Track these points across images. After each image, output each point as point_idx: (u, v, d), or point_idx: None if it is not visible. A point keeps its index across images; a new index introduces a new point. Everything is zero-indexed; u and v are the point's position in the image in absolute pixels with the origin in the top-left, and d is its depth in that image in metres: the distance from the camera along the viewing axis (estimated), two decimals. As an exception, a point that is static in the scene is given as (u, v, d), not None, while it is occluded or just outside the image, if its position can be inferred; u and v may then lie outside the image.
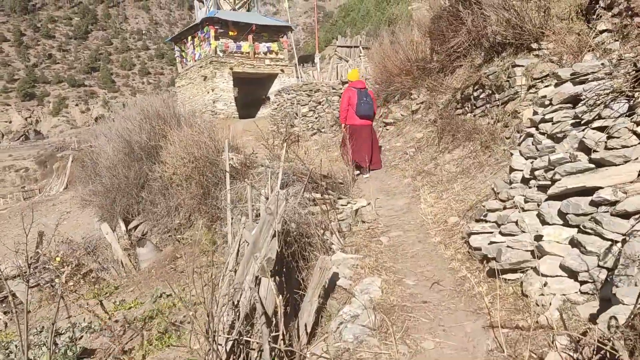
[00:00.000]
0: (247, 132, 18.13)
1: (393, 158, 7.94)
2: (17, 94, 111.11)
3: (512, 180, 3.38)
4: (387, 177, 7.24)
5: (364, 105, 8.36)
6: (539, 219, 2.96)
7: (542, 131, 3.22)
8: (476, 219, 3.87)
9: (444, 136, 7.22)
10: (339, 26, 52.55)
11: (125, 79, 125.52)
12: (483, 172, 5.40)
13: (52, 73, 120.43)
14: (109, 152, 13.03)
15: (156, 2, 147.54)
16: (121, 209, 12.68)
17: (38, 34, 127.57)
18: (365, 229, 4.95)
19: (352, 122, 7.92)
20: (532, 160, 3.24)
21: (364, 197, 6.62)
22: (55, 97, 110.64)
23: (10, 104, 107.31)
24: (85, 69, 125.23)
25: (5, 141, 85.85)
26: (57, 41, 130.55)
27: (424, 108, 9.21)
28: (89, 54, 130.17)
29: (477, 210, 3.90)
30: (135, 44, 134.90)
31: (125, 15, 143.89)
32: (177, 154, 9.87)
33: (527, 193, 3.15)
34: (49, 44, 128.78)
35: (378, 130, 10.19)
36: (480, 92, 6.68)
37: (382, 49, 10.77)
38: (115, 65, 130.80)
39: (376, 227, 4.96)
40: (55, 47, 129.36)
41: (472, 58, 8.45)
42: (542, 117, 3.26)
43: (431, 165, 6.59)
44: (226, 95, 21.01)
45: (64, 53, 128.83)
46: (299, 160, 8.33)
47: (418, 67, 9.71)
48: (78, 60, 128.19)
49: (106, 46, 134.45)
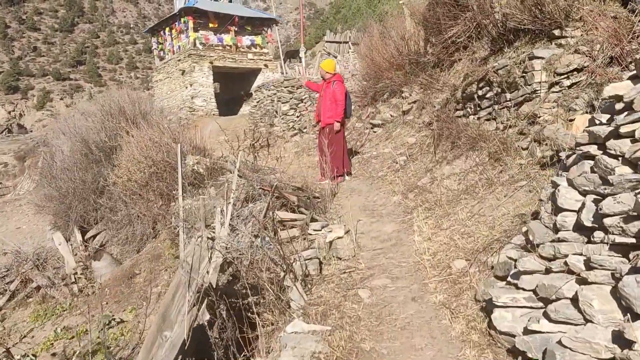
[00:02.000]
0: (225, 130, 16.82)
1: (380, 167, 6.71)
2: (0, 87, 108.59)
3: (559, 225, 2.17)
4: (373, 191, 6.00)
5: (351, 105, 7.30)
6: (621, 303, 1.76)
7: (613, 152, 2.01)
8: (498, 275, 2.65)
9: (442, 143, 5.99)
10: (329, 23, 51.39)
11: (112, 73, 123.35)
12: (494, 192, 4.18)
13: (37, 66, 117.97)
14: (65, 152, 11.67)
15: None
16: (77, 216, 11.33)
17: (23, 26, 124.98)
18: (341, 271, 3.70)
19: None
20: (594, 198, 2.03)
21: (344, 216, 5.38)
22: (40, 90, 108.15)
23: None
24: (70, 63, 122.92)
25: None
26: (42, 34, 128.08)
27: (416, 108, 7.99)
28: (75, 47, 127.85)
29: (500, 263, 2.68)
30: (122, 38, 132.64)
31: (112, 8, 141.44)
32: (133, 157, 8.55)
33: (591, 253, 1.94)
34: (34, 37, 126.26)
35: (364, 132, 8.96)
36: (486, 90, 5.47)
37: (369, 41, 9.52)
38: (102, 59, 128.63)
39: (355, 269, 3.72)
40: (41, 39, 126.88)
41: (473, 50, 7.24)
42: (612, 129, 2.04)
43: (426, 180, 5.35)
44: (205, 91, 19.63)
45: (49, 46, 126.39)
46: (270, 169, 7.07)
47: (410, 61, 8.49)
48: (64, 53, 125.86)
49: (93, 39, 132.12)
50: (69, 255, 10.84)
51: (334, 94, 7.05)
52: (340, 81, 7.09)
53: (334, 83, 7.09)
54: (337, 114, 7.01)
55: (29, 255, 10.68)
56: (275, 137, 12.55)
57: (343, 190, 6.44)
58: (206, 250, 3.04)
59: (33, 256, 10.72)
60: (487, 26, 5.83)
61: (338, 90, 7.00)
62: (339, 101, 6.97)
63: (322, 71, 7.32)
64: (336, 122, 6.98)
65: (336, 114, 7.00)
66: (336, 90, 7.03)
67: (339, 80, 7.07)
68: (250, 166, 6.81)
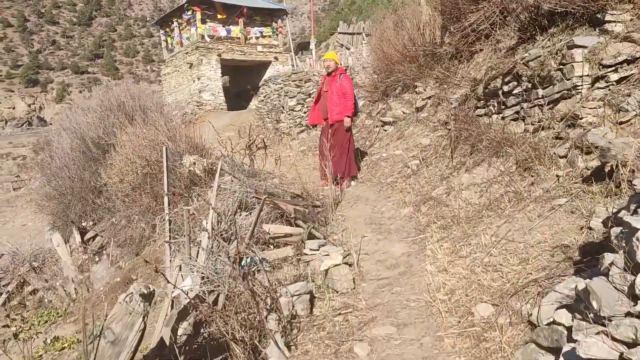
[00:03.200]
0: (231, 126, 16.18)
1: (390, 171, 5.98)
2: (20, 80, 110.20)
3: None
4: (381, 200, 5.29)
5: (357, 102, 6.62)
6: None
7: None
8: (541, 343, 1.93)
9: (460, 145, 5.24)
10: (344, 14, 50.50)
11: (129, 66, 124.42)
12: (524, 210, 3.44)
13: (56, 59, 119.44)
14: (65, 148, 11.16)
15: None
16: (76, 216, 10.84)
17: (42, 20, 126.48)
18: (335, 312, 3.02)
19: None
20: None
21: (347, 230, 4.69)
22: (59, 83, 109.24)
23: (13, 90, 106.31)
24: (88, 56, 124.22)
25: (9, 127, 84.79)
26: (61, 27, 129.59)
27: (431, 105, 7.23)
28: (93, 41, 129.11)
29: (545, 328, 1.95)
30: (139, 31, 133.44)
31: (129, 1, 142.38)
32: (126, 157, 7.96)
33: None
34: (52, 30, 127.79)
35: (374, 130, 8.23)
36: (513, 85, 4.69)
37: (380, 31, 8.75)
38: (119, 52, 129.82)
39: (353, 308, 3.03)
40: (59, 33, 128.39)
41: (497, 39, 6.44)
42: None
43: (442, 190, 4.62)
44: (213, 85, 18.99)
45: (67, 39, 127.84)
46: (268, 173, 6.40)
47: (425, 53, 7.70)
48: (82, 46, 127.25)
49: (110, 33, 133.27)
50: (67, 257, 10.36)
51: (342, 87, 6.41)
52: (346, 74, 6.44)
53: (341, 76, 6.43)
54: (347, 108, 6.37)
55: (26, 256, 10.22)
56: (282, 134, 11.87)
57: (348, 197, 5.73)
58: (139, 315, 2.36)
59: (30, 258, 10.26)
60: (516, 10, 5.04)
61: (346, 83, 6.39)
62: (348, 94, 6.35)
63: (328, 62, 6.61)
64: (346, 118, 6.34)
65: (346, 108, 6.33)
66: (344, 83, 6.39)
67: (345, 73, 6.41)
68: (245, 170, 6.14)
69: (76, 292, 9.59)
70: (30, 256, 9.97)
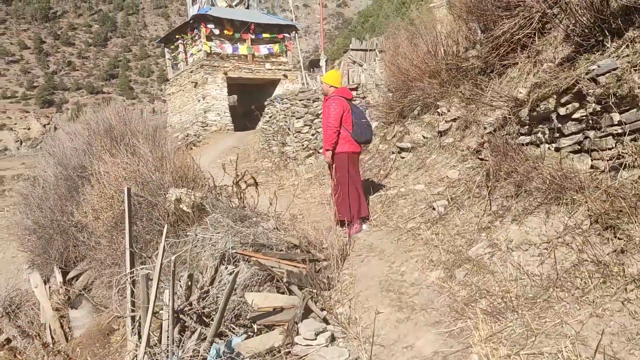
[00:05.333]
0: (235, 149, 15.20)
1: (411, 213, 4.84)
2: (36, 101, 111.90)
3: None
4: (400, 253, 4.15)
5: (367, 125, 5.37)
6: None
7: None
8: None
9: (500, 183, 4.09)
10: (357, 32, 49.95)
11: (144, 85, 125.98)
12: (620, 297, 2.27)
13: (71, 80, 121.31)
14: (48, 177, 10.25)
15: (175, 10, 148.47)
16: (58, 252, 9.83)
17: (58, 41, 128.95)
18: None
19: (349, 149, 5.17)
20: None
21: (356, 300, 3.56)
22: (74, 104, 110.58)
23: (29, 111, 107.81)
24: (104, 76, 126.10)
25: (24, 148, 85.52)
26: (76, 48, 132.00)
27: (457, 128, 6.11)
28: (108, 61, 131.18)
29: None
30: (154, 51, 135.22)
31: (144, 22, 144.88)
32: (101, 191, 6.95)
33: None
34: (68, 51, 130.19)
35: (389, 157, 7.11)
36: (573, 107, 3.55)
37: (394, 44, 7.69)
38: (134, 72, 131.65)
39: None
40: (75, 54, 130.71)
41: (536, 50, 5.34)
42: None
43: (482, 247, 3.46)
44: (219, 105, 18.08)
45: (83, 60, 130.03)
46: (259, 215, 5.30)
47: (448, 67, 6.60)
48: (97, 67, 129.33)
49: (125, 53, 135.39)
50: (45, 300, 9.31)
51: (324, 115, 5.35)
52: (339, 97, 5.23)
53: (330, 100, 5.25)
54: (325, 140, 5.24)
55: (0, 299, 9.21)
56: (287, 159, 10.81)
57: (359, 247, 4.60)
58: None
59: (5, 301, 9.24)
60: (572, 8, 3.90)
61: (331, 108, 5.15)
62: (327, 124, 5.17)
63: (324, 86, 5.47)
64: (326, 152, 5.22)
65: (325, 141, 5.23)
66: (327, 109, 5.22)
67: (336, 96, 5.23)
68: (232, 212, 5.05)
69: (53, 341, 8.55)
70: (5, 299, 8.97)
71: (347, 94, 5.40)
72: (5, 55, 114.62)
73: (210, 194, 5.91)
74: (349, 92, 5.56)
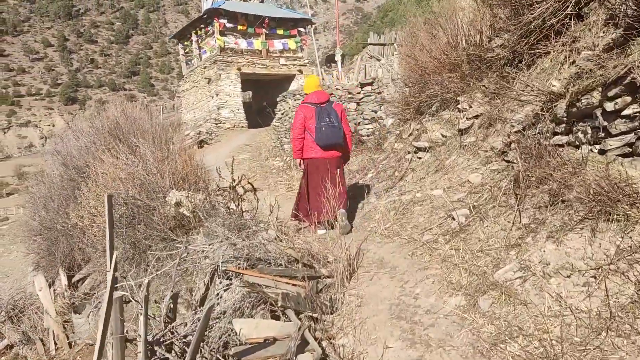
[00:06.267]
0: (247, 147, 14.77)
1: (427, 223, 4.28)
2: (60, 98, 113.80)
3: None
4: (414, 271, 3.60)
5: (327, 129, 5.35)
6: None
7: None
8: None
9: (532, 190, 3.52)
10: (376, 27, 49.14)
11: (164, 82, 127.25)
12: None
13: (94, 77, 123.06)
14: (54, 176, 9.96)
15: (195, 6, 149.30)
16: (63, 255, 9.52)
17: (81, 39, 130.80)
18: None
19: (311, 155, 5.47)
20: None
21: (361, 328, 3.04)
22: (97, 101, 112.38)
23: (53, 107, 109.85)
24: (125, 73, 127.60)
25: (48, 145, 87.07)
26: (99, 46, 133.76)
27: (480, 126, 5.51)
28: (130, 58, 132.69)
29: None
30: (174, 48, 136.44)
31: (165, 19, 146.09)
32: (98, 194, 6.55)
33: None
34: (91, 49, 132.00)
35: (405, 158, 6.54)
36: (624, 101, 2.95)
37: (412, 35, 7.10)
38: (155, 69, 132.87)
39: None
40: (97, 51, 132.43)
41: (573, 37, 4.71)
42: None
43: (511, 269, 2.90)
44: (233, 101, 17.66)
45: (105, 57, 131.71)
46: (258, 224, 4.80)
47: (470, 58, 6.00)
48: (119, 64, 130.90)
49: (146, 50, 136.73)
50: (49, 304, 9.00)
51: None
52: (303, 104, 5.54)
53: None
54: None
55: (3, 303, 8.93)
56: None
57: (368, 261, 4.07)
58: None
59: (7, 305, 8.97)
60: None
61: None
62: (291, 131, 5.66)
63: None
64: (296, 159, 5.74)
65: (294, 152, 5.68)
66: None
67: (301, 104, 5.58)
68: (229, 220, 4.56)
69: (56, 347, 8.23)
70: (9, 303, 8.69)
71: (318, 97, 5.49)
72: (30, 52, 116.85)
73: (207, 199, 5.44)
74: (321, 95, 5.59)
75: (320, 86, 5.89)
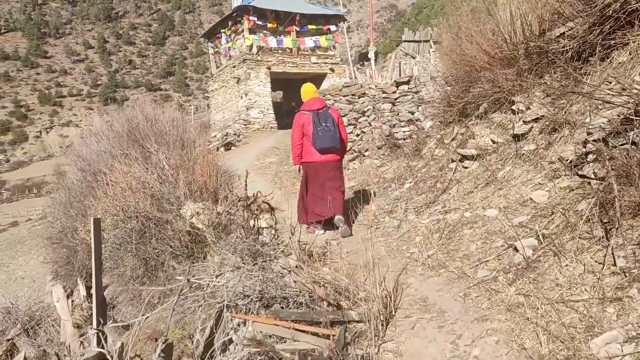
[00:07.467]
0: (275, 149, 14.14)
1: (481, 252, 3.47)
2: (99, 99, 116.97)
3: None
4: (469, 320, 2.82)
5: (324, 133, 5.47)
6: None
7: None
8: None
9: (626, 219, 2.68)
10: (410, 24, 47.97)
11: (199, 82, 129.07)
12: None
13: (132, 78, 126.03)
14: (73, 181, 9.59)
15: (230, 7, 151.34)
16: (81, 264, 9.12)
17: (120, 41, 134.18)
18: None
19: (310, 159, 5.67)
20: None
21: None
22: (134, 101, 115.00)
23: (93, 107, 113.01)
24: (161, 74, 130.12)
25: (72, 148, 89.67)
26: (137, 47, 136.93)
27: (541, 130, 4.64)
28: (166, 59, 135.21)
29: None
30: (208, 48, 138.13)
31: (200, 20, 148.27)
32: (106, 205, 6.01)
33: None
34: (129, 50, 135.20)
35: (448, 167, 5.72)
36: None
37: (457, 25, 6.25)
38: (190, 69, 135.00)
39: None
40: (135, 52, 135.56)
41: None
42: None
43: (614, 338, 2.08)
44: (262, 101, 17.09)
45: (142, 58, 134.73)
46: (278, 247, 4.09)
47: (528, 51, 5.13)
48: (155, 65, 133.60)
49: (182, 51, 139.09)
50: (67, 316, 8.58)
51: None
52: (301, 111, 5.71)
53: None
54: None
55: (19, 315, 8.56)
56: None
57: (408, 301, 3.29)
58: None
59: (24, 317, 8.59)
60: None
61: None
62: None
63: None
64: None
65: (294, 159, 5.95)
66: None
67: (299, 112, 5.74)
68: (241, 245, 3.87)
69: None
70: (25, 314, 8.32)
71: (315, 104, 5.65)
72: (72, 54, 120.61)
73: (223, 213, 4.78)
74: (320, 101, 5.77)
75: (316, 93, 5.99)
